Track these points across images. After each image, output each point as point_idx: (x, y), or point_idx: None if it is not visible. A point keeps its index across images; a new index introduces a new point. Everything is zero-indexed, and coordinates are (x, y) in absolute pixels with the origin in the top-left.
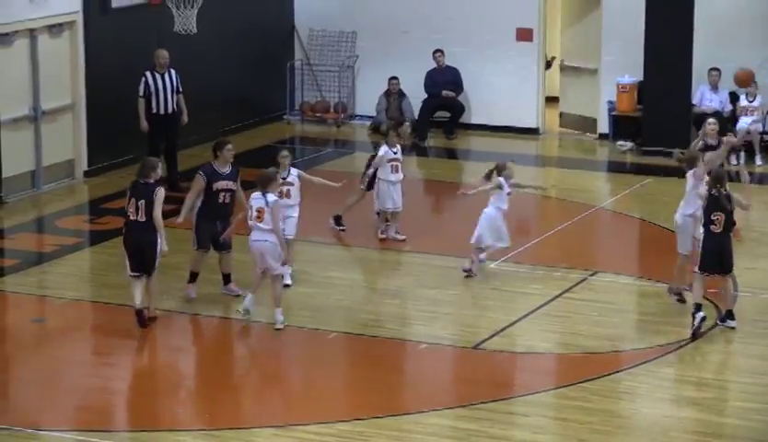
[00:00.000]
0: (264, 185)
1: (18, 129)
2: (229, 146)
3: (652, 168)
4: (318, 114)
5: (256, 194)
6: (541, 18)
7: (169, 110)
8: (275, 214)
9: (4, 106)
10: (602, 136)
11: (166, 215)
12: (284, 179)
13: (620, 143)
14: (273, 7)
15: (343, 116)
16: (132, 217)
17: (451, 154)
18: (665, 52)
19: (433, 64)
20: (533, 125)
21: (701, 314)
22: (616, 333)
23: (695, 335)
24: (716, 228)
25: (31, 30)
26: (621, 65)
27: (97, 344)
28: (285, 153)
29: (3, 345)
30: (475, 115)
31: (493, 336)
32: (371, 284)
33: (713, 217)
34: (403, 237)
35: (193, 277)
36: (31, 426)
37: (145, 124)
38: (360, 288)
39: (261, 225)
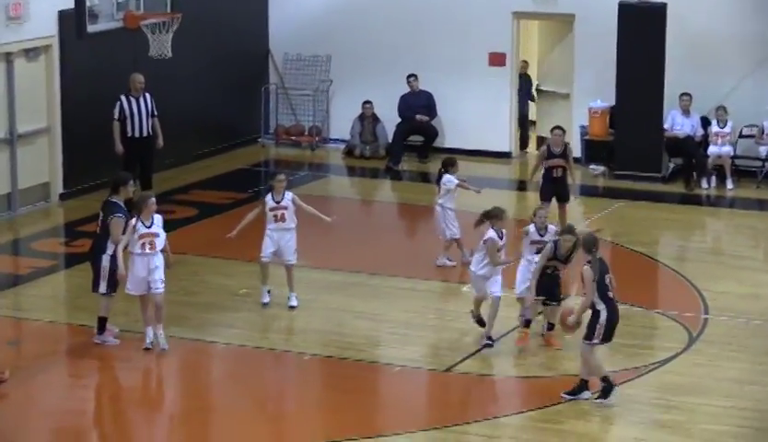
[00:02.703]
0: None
1: None
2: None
3: (623, 191)
4: (292, 138)
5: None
6: (513, 44)
7: (144, 133)
8: None
9: None
10: (575, 160)
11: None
12: (278, 203)
13: (592, 167)
14: (248, 32)
15: (317, 139)
16: None
17: (425, 177)
18: (637, 76)
19: (407, 89)
20: (506, 149)
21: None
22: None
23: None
24: (611, 292)
25: (8, 54)
26: (593, 90)
27: (71, 367)
28: (282, 177)
29: None
30: (448, 139)
31: (465, 359)
32: (347, 307)
33: (606, 281)
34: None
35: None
36: None
37: (119, 148)
38: (336, 311)
39: None
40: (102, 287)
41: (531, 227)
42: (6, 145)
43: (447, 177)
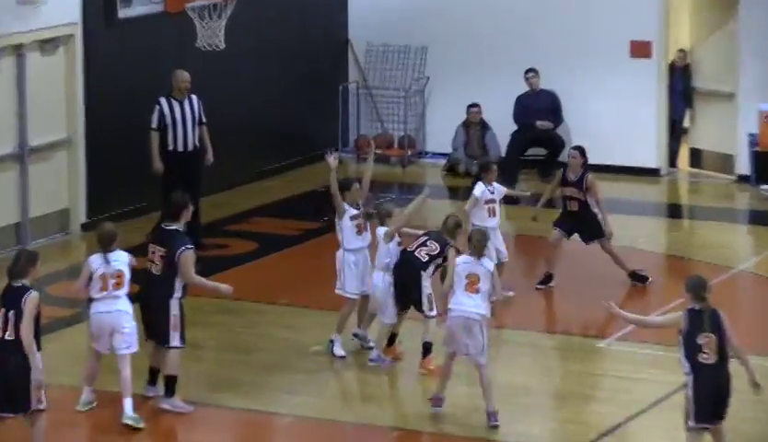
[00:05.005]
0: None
1: (0, 170)
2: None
3: None
4: (378, 151)
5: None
6: (661, 29)
7: (190, 146)
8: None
9: None
10: (742, 178)
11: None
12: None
13: (763, 187)
14: (323, 17)
15: (410, 153)
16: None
17: (549, 202)
18: None
19: (525, 88)
20: (653, 165)
21: None
22: (761, 431)
23: None
24: (708, 358)
25: (18, 47)
26: (764, 89)
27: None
28: (358, 185)
29: None
30: None
31: (602, 437)
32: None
33: (699, 341)
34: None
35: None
36: None
37: (158, 165)
38: (432, 372)
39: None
40: (175, 339)
41: (479, 188)
42: (16, 161)
43: (478, 187)
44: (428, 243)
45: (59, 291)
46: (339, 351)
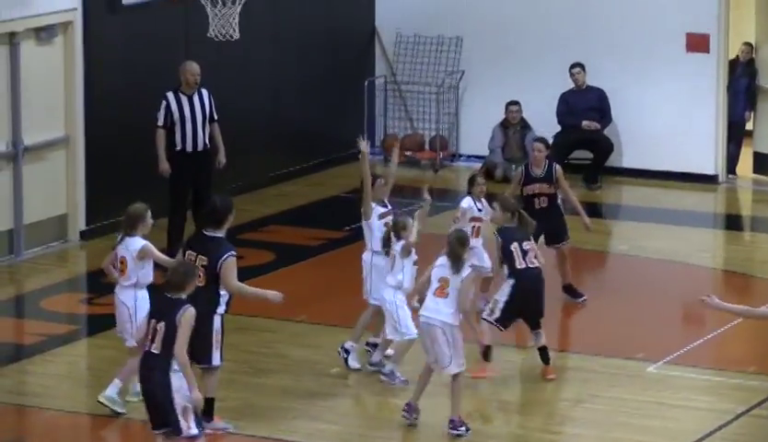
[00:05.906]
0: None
1: None
2: None
3: None
4: (407, 153)
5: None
6: (721, 21)
7: (200, 145)
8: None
9: None
10: None
11: None
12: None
13: None
14: (347, 4)
15: (442, 156)
16: (146, 347)
17: (595, 211)
18: None
19: (570, 85)
20: (710, 171)
21: None
22: None
23: None
24: None
25: (11, 35)
26: None
27: None
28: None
29: None
30: (628, 156)
31: None
32: (494, 394)
33: None
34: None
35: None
36: None
37: (165, 165)
38: (473, 399)
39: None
40: (216, 358)
41: (467, 201)
42: (9, 162)
43: (466, 198)
44: (527, 245)
45: (55, 305)
46: (354, 363)
